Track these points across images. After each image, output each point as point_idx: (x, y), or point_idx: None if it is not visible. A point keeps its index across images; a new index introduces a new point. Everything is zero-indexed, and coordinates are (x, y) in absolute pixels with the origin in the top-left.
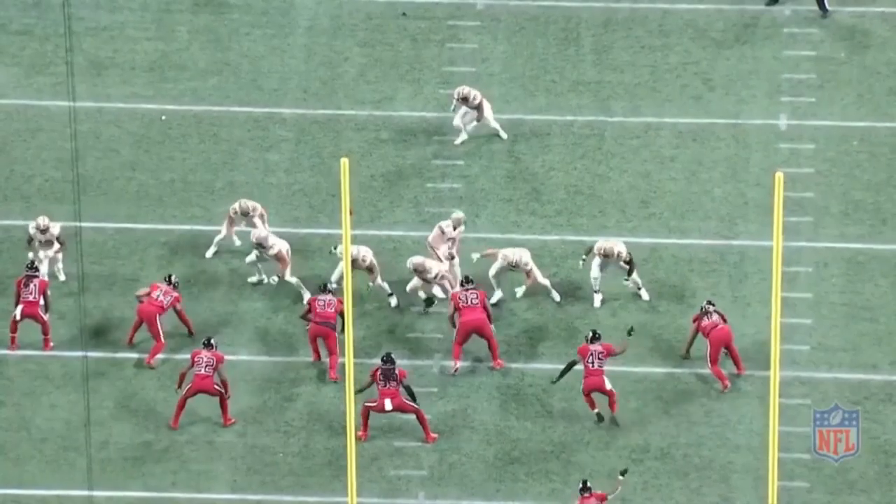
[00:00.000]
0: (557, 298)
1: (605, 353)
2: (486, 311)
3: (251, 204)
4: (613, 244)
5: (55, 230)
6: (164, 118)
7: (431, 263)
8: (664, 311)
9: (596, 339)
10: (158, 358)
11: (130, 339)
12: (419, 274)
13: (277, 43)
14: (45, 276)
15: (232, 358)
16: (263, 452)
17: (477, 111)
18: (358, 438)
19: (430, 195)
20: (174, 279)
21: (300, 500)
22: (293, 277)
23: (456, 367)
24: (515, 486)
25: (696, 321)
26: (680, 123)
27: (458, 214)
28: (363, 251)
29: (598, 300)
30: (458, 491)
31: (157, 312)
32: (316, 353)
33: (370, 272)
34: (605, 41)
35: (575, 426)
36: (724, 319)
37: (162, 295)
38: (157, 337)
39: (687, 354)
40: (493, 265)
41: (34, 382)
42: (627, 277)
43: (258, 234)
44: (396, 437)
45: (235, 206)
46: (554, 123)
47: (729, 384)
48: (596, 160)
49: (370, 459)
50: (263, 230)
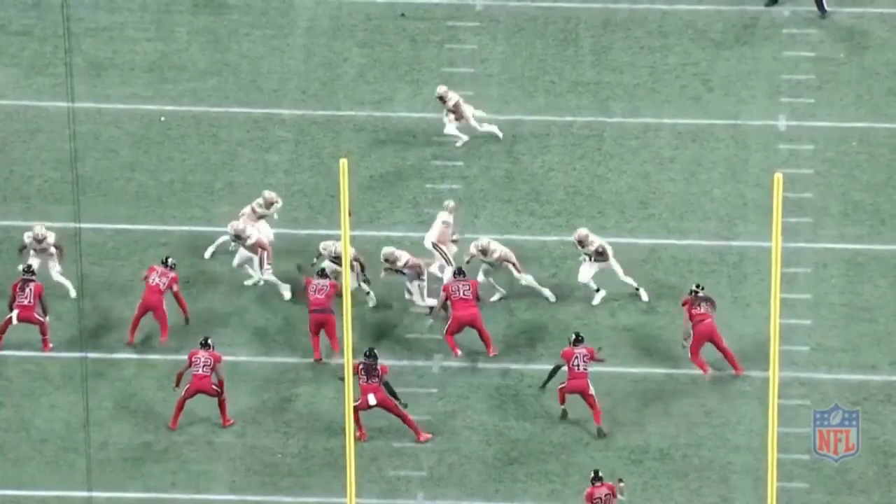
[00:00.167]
0: (550, 296)
1: (588, 355)
2: (477, 299)
3: (275, 195)
4: (582, 236)
5: (51, 239)
6: (163, 119)
7: (400, 253)
8: (663, 311)
9: (579, 341)
10: (159, 358)
11: (132, 333)
12: (389, 264)
13: (277, 44)
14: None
15: (231, 359)
16: (262, 453)
17: (454, 113)
18: (357, 439)
19: (429, 196)
20: (171, 261)
21: (299, 500)
22: (271, 275)
23: (457, 353)
24: (515, 486)
25: (685, 305)
26: (679, 124)
27: (449, 203)
28: (331, 245)
29: (598, 298)
30: (457, 491)
31: (159, 298)
32: (317, 349)
33: (351, 269)
34: (604, 42)
35: (574, 427)
36: (712, 305)
37: (158, 278)
38: (162, 323)
39: (692, 355)
40: (477, 268)
41: (33, 383)
42: (588, 259)
43: (236, 225)
44: (395, 437)
45: (259, 200)
46: (553, 124)
47: (710, 370)
48: (595, 161)
49: (369, 460)
50: (241, 223)
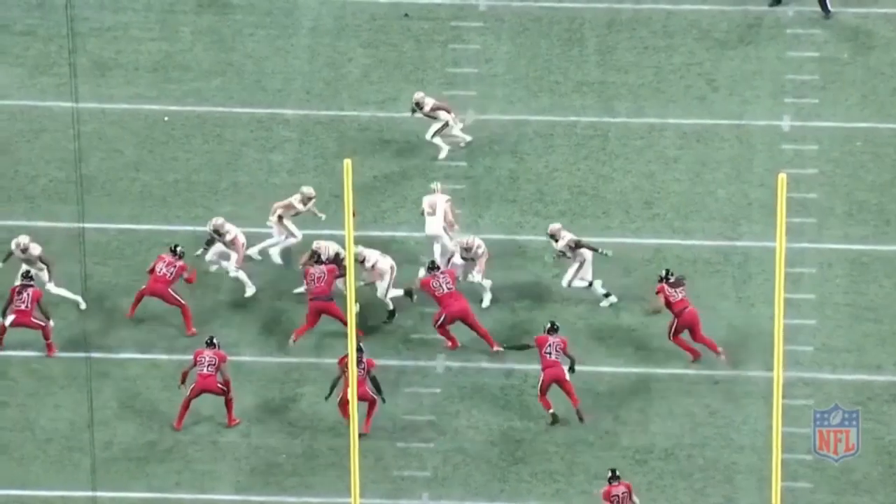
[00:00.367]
0: (486, 304)
1: (562, 345)
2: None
3: (312, 190)
4: (555, 230)
5: (35, 251)
6: (167, 119)
7: (368, 252)
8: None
9: (554, 330)
10: (164, 358)
11: (132, 309)
12: (359, 264)
13: (281, 44)
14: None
15: (236, 358)
16: (267, 453)
17: (432, 115)
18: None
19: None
20: (179, 249)
21: (304, 500)
22: (241, 272)
23: (455, 344)
24: (519, 486)
25: (660, 293)
26: (684, 124)
27: (435, 185)
28: (324, 245)
29: (603, 295)
30: (461, 491)
31: (164, 287)
32: (299, 334)
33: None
34: (608, 42)
35: (579, 427)
36: (684, 287)
37: (165, 267)
38: (179, 305)
39: (672, 337)
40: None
41: (38, 383)
42: (555, 255)
43: (216, 220)
44: (400, 437)
45: (297, 195)
46: (557, 124)
47: (700, 354)
48: (600, 161)
49: (374, 460)
50: (220, 218)
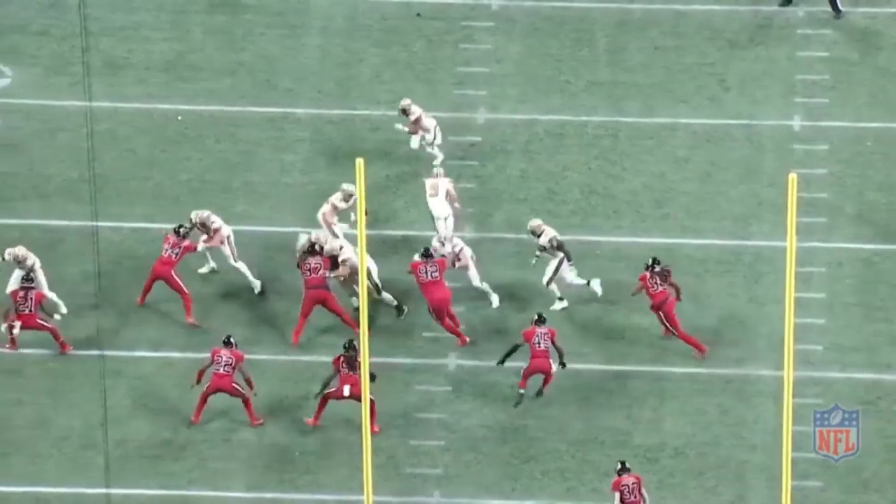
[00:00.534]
0: (495, 304)
1: (550, 335)
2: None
3: (353, 187)
4: (534, 225)
5: (30, 261)
6: (179, 118)
7: (347, 249)
8: (680, 310)
9: (542, 321)
10: (177, 356)
11: (141, 297)
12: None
13: (292, 43)
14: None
15: (249, 357)
16: (280, 450)
17: (416, 125)
18: (308, 423)
19: (455, 214)
20: (182, 230)
21: (316, 497)
22: (240, 263)
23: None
24: (531, 484)
25: (643, 280)
26: (694, 124)
27: (437, 168)
28: (322, 236)
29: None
30: (473, 489)
31: (170, 269)
32: (298, 334)
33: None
34: (619, 42)
35: (590, 425)
36: (666, 279)
37: (170, 249)
38: (181, 292)
39: (665, 330)
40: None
41: (53, 382)
42: (538, 253)
43: (201, 213)
44: (412, 435)
45: (338, 193)
46: (568, 124)
47: (706, 349)
48: (610, 161)
49: (386, 458)
50: (206, 211)
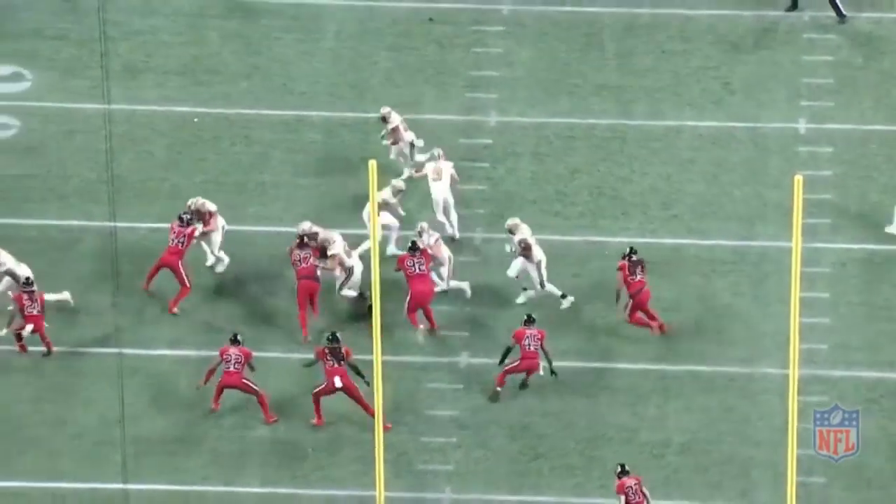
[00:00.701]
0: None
1: (539, 337)
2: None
3: (402, 183)
4: (512, 224)
5: (23, 272)
6: (196, 120)
7: (338, 243)
8: (686, 309)
9: (531, 322)
10: (193, 354)
11: (147, 282)
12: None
13: (307, 47)
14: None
15: (263, 354)
16: (293, 447)
17: (394, 134)
18: (315, 425)
19: (456, 196)
20: (186, 217)
21: (329, 493)
22: (222, 252)
23: (422, 331)
24: (540, 480)
25: (622, 269)
26: (700, 127)
27: (437, 152)
28: (308, 227)
29: (522, 297)
30: (483, 485)
31: (177, 259)
32: (304, 311)
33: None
34: (627, 46)
35: (597, 423)
36: (644, 268)
37: (176, 237)
38: (182, 282)
39: (625, 313)
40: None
41: (70, 379)
42: (512, 248)
43: (196, 200)
44: (423, 432)
45: (388, 188)
46: (577, 126)
47: (663, 324)
48: (618, 163)
49: (398, 454)
50: (200, 198)
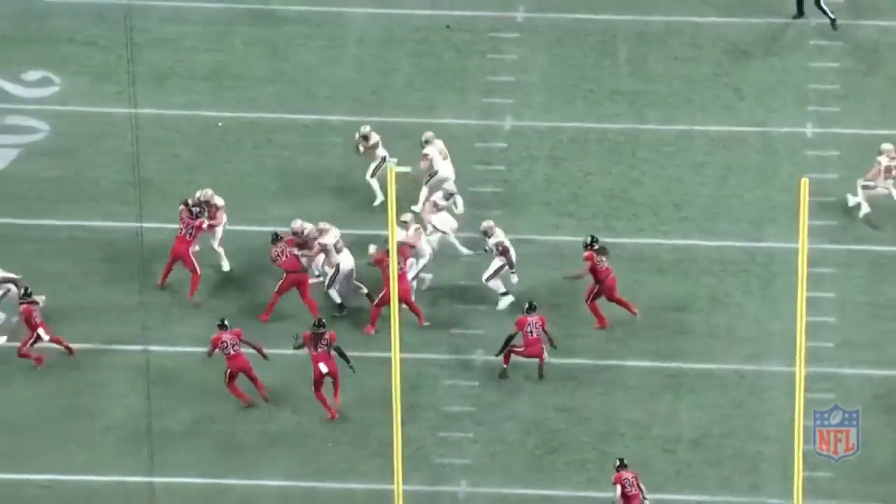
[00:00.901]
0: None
1: (541, 323)
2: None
3: (454, 187)
4: (486, 227)
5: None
6: (221, 124)
7: (331, 235)
8: (698, 308)
9: (532, 309)
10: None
11: (162, 279)
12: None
13: (330, 54)
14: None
15: (280, 351)
16: (314, 441)
17: (371, 150)
18: (330, 419)
19: (472, 199)
20: (195, 209)
21: (349, 486)
22: (221, 248)
23: (373, 330)
24: (554, 474)
25: (589, 259)
26: (711, 131)
27: (430, 135)
28: (302, 225)
29: (504, 303)
30: (499, 479)
31: (187, 248)
32: (278, 298)
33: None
34: (640, 53)
35: (611, 418)
36: (607, 255)
37: (185, 228)
38: (192, 271)
39: (589, 302)
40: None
41: (100, 374)
42: (487, 249)
43: (205, 192)
44: (441, 427)
45: (439, 192)
46: (591, 131)
47: (606, 322)
48: (631, 166)
49: (416, 449)
50: (209, 189)
